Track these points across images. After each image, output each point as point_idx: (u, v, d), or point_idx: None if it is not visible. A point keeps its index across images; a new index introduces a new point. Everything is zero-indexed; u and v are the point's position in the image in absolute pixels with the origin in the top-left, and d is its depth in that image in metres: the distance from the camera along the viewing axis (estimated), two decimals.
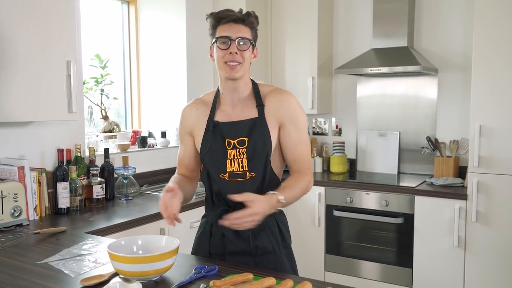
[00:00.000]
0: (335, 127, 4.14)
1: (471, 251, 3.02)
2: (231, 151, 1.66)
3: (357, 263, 3.44)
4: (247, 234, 1.66)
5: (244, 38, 1.62)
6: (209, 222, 1.74)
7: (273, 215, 1.69)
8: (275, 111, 1.69)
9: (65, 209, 2.52)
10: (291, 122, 1.69)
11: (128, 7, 3.76)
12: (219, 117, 1.71)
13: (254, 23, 1.67)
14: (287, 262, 1.74)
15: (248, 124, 1.67)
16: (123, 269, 1.40)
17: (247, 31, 1.64)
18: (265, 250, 1.69)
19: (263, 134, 1.66)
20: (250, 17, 1.65)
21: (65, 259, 1.71)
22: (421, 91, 3.72)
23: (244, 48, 1.62)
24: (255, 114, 1.68)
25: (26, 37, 2.17)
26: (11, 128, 2.47)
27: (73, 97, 2.36)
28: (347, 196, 3.44)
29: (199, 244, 1.78)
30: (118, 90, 3.67)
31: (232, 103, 1.71)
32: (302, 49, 3.88)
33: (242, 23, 1.63)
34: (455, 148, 3.50)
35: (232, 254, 1.69)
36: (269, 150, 1.66)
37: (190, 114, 1.77)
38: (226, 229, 1.64)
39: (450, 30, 3.58)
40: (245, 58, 1.63)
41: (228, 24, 1.62)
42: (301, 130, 1.71)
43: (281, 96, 1.72)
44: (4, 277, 1.53)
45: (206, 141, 1.69)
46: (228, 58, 1.61)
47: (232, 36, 1.61)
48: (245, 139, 1.66)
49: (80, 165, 2.69)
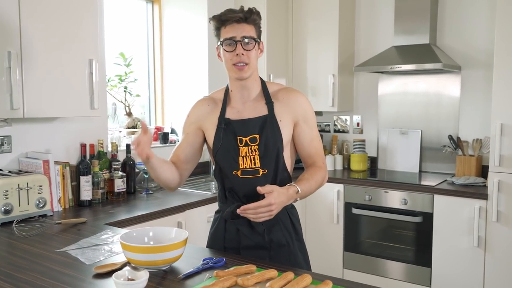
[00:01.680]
0: (356, 125, 4.14)
1: (491, 252, 2.97)
2: (243, 148, 1.70)
3: (376, 261, 3.44)
4: (261, 228, 1.70)
5: (249, 37, 1.65)
6: (223, 218, 1.77)
7: (285, 209, 1.72)
8: (287, 109, 1.73)
9: (88, 201, 2.62)
10: (303, 120, 1.74)
11: (152, 6, 3.85)
12: (230, 114, 1.74)
13: (257, 20, 1.69)
14: (300, 255, 1.77)
15: (259, 121, 1.70)
16: (134, 258, 1.47)
17: (251, 29, 1.66)
18: (279, 243, 1.72)
19: (273, 131, 1.69)
20: (253, 15, 1.67)
21: (83, 248, 1.80)
22: (444, 89, 3.68)
23: (250, 47, 1.65)
24: (265, 111, 1.72)
25: (52, 38, 2.27)
26: (38, 123, 2.59)
27: (95, 94, 2.46)
28: (366, 194, 3.44)
29: (214, 239, 1.81)
30: (142, 87, 3.77)
31: (242, 101, 1.75)
32: (323, 46, 3.89)
33: (245, 22, 1.65)
34: (478, 147, 3.45)
35: (246, 248, 1.72)
36: (280, 147, 1.70)
37: (201, 110, 1.80)
38: (241, 224, 1.71)
39: (474, 27, 3.52)
40: (252, 58, 1.67)
41: (232, 25, 1.65)
42: (313, 127, 1.77)
43: (292, 95, 1.76)
44: (24, 263, 1.63)
45: (218, 138, 1.72)
46: (236, 59, 1.65)
47: (237, 36, 1.64)
48: (256, 136, 1.69)
49: (103, 159, 2.79)
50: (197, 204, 2.74)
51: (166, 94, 3.88)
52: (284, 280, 1.33)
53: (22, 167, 2.49)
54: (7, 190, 2.18)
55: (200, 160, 3.58)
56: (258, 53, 1.71)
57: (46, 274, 1.52)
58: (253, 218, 1.57)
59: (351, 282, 1.43)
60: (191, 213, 2.70)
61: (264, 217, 1.56)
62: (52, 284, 1.44)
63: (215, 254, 1.67)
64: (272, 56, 3.81)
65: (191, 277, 1.46)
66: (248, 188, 1.67)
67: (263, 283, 1.33)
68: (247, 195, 1.68)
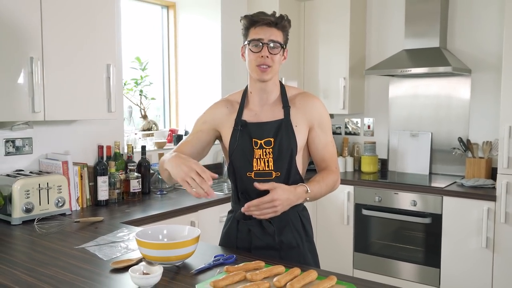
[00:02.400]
0: (367, 127, 4.19)
1: (499, 252, 3.00)
2: (258, 150, 1.73)
3: (385, 261, 3.49)
4: (272, 229, 1.73)
5: (276, 41, 1.67)
6: (236, 219, 1.81)
7: (295, 210, 1.76)
8: (303, 114, 1.76)
9: (104, 201, 2.72)
10: (318, 125, 1.77)
11: (167, 11, 3.95)
12: (247, 116, 1.78)
13: (287, 27, 1.72)
14: (310, 256, 1.80)
15: (275, 125, 1.73)
16: (148, 254, 1.54)
17: (279, 35, 1.69)
18: (289, 245, 1.75)
19: (288, 135, 1.72)
20: (283, 21, 1.70)
21: (100, 245, 1.89)
22: (454, 92, 3.71)
23: (276, 51, 1.68)
24: (281, 115, 1.75)
25: (71, 44, 2.38)
26: (57, 126, 2.70)
27: (112, 97, 2.56)
28: (375, 195, 3.49)
29: (226, 239, 1.85)
30: (157, 90, 3.87)
31: (260, 103, 1.78)
32: (334, 49, 3.95)
33: (275, 26, 1.68)
34: (488, 149, 3.48)
35: (257, 248, 1.76)
36: (294, 150, 1.73)
37: (219, 111, 1.83)
38: (252, 224, 1.75)
39: (484, 30, 3.55)
40: (276, 62, 1.69)
41: (261, 27, 1.67)
42: (327, 132, 1.80)
43: (308, 100, 1.79)
44: (46, 258, 1.73)
45: (234, 139, 1.76)
46: (260, 61, 1.67)
47: (265, 39, 1.66)
48: (271, 140, 1.72)
49: (119, 160, 2.89)
50: (210, 204, 2.82)
51: (180, 97, 3.97)
52: (291, 275, 1.40)
53: (42, 168, 2.60)
54: (28, 190, 2.28)
55: (213, 162, 3.71)
56: (281, 59, 1.74)
57: (66, 268, 1.61)
58: (257, 215, 1.58)
59: (355, 278, 1.49)
60: (204, 213, 2.78)
61: (268, 214, 1.57)
62: (72, 278, 1.52)
63: (226, 252, 1.75)
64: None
65: (202, 272, 1.53)
66: (262, 191, 1.68)
67: (271, 278, 1.39)
68: (260, 196, 1.68)
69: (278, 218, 1.72)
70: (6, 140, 2.49)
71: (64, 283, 1.48)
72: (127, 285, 1.45)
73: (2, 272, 1.59)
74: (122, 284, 1.47)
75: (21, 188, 2.26)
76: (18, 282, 1.50)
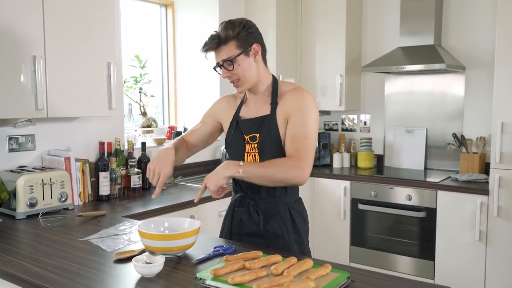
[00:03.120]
0: (364, 124, 4.25)
1: (492, 245, 3.08)
2: (247, 145, 1.84)
3: (381, 255, 3.56)
4: (257, 219, 1.82)
5: (226, 59, 1.74)
6: (232, 206, 1.94)
7: (285, 202, 1.83)
8: (288, 105, 1.78)
9: (106, 196, 2.78)
10: (294, 116, 1.74)
11: (166, 10, 4.00)
12: (243, 112, 1.89)
13: (231, 34, 1.72)
14: (296, 247, 1.84)
15: (259, 121, 1.81)
16: (151, 245, 1.61)
17: (229, 48, 1.73)
18: (274, 234, 1.82)
19: (271, 130, 1.78)
20: (227, 31, 1.72)
21: (103, 237, 1.95)
22: (448, 89, 3.78)
23: (230, 67, 1.74)
24: (267, 111, 1.81)
25: (73, 43, 2.44)
26: (60, 123, 2.75)
27: (113, 95, 2.61)
28: (371, 190, 3.56)
29: (224, 223, 1.98)
30: (157, 88, 3.92)
31: (254, 101, 1.88)
32: (331, 47, 4.01)
33: (222, 45, 1.74)
34: (482, 145, 3.55)
35: (247, 235, 1.87)
36: (278, 145, 1.78)
37: (221, 105, 1.99)
38: (241, 212, 1.87)
39: (478, 28, 3.61)
40: (240, 73, 1.75)
41: (211, 53, 1.78)
42: (303, 124, 1.73)
43: (296, 93, 1.80)
44: (52, 250, 1.79)
45: (230, 134, 1.89)
46: (228, 79, 1.80)
47: (219, 61, 1.77)
48: (256, 135, 1.81)
49: (120, 157, 2.95)
50: (209, 199, 2.87)
51: (179, 94, 4.03)
52: (288, 263, 1.46)
53: (45, 164, 2.66)
54: (32, 185, 2.34)
55: (212, 158, 3.76)
56: (251, 61, 1.76)
57: (71, 259, 1.67)
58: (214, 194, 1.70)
59: (350, 267, 1.55)
60: (203, 207, 2.84)
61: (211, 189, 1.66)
62: (78, 268, 1.59)
63: (225, 243, 1.81)
64: (282, 57, 3.95)
65: (203, 262, 1.60)
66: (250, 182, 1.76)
67: (269, 267, 1.46)
68: (249, 187, 1.83)
69: (266, 208, 1.82)
70: (10, 137, 2.54)
71: (70, 273, 1.54)
72: (130, 274, 1.51)
73: (10, 263, 1.65)
74: (125, 273, 1.54)
75: (25, 183, 2.32)
76: (26, 272, 1.57)
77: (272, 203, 1.83)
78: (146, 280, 1.45)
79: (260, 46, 1.79)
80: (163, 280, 1.45)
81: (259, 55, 1.80)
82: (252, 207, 1.83)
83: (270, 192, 1.82)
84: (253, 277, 1.36)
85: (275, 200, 1.83)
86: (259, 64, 1.81)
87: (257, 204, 1.84)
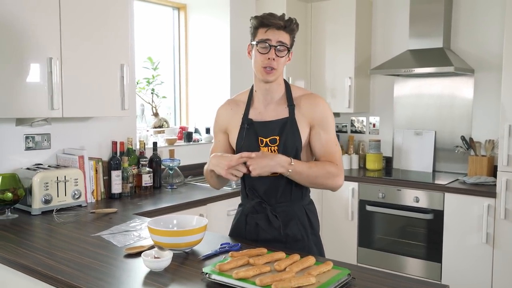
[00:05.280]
0: (372, 126, 4.28)
1: (499, 248, 3.09)
2: (264, 148, 1.79)
3: (388, 256, 3.59)
4: (278, 223, 1.80)
5: (284, 43, 1.73)
6: (244, 213, 1.88)
7: (301, 204, 1.84)
8: (307, 113, 1.79)
9: (118, 194, 2.86)
10: (320, 124, 1.80)
11: (178, 12, 4.08)
12: (252, 115, 1.84)
13: (294, 30, 1.77)
14: (315, 249, 1.87)
15: (280, 123, 1.79)
16: (160, 241, 1.67)
17: (287, 37, 1.75)
18: (294, 238, 1.81)
19: (293, 133, 1.77)
20: (292, 24, 1.75)
21: (114, 233, 2.02)
22: (457, 91, 3.79)
23: (282, 54, 1.74)
24: (286, 114, 1.80)
25: (88, 45, 2.52)
26: (74, 122, 2.83)
27: (126, 96, 2.69)
28: (379, 192, 3.59)
29: (236, 231, 1.93)
30: (168, 89, 4.00)
31: (265, 102, 1.84)
32: (340, 50, 4.05)
33: (284, 29, 1.73)
34: (490, 148, 3.56)
35: (264, 241, 1.83)
36: (299, 148, 1.78)
37: (225, 114, 1.92)
38: (259, 218, 1.83)
39: (487, 31, 3.63)
40: (280, 64, 1.76)
41: (271, 29, 1.72)
42: (329, 132, 1.81)
43: (313, 100, 1.82)
44: (65, 245, 1.86)
45: (241, 137, 1.82)
46: (266, 63, 1.73)
47: (273, 41, 1.72)
48: (276, 138, 1.78)
49: (131, 156, 3.02)
50: (218, 198, 2.94)
51: (190, 96, 4.10)
52: (291, 260, 1.51)
53: (60, 162, 2.74)
54: (47, 182, 2.42)
55: None
56: (286, 61, 1.80)
57: (84, 253, 1.75)
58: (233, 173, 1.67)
59: (351, 264, 1.60)
60: (212, 206, 2.90)
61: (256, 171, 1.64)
62: (89, 261, 1.66)
63: (232, 240, 1.86)
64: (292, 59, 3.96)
65: (209, 258, 1.66)
66: (268, 186, 1.79)
67: (272, 263, 1.51)
68: (267, 192, 1.80)
69: (284, 213, 1.81)
70: (26, 136, 2.63)
71: (82, 266, 1.61)
72: (139, 268, 1.57)
73: (25, 256, 1.73)
74: (135, 267, 1.60)
75: (41, 180, 2.40)
76: (40, 264, 1.64)
77: (289, 206, 1.82)
78: (155, 274, 1.51)
79: None
80: (171, 274, 1.51)
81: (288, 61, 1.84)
82: (270, 212, 1.81)
83: (287, 195, 1.81)
84: (256, 273, 1.42)
85: (291, 204, 1.83)
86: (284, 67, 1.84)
87: (274, 209, 1.82)
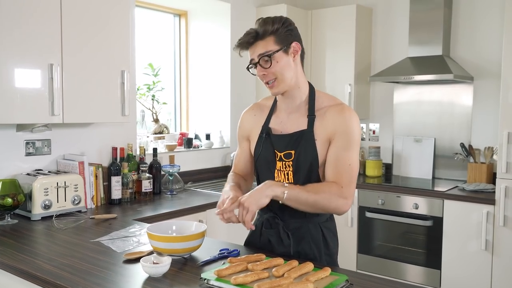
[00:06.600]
0: (372, 133, 4.29)
1: (498, 255, 3.09)
2: (278, 162, 1.69)
3: (388, 263, 3.59)
4: (288, 242, 1.71)
5: (263, 54, 1.58)
6: (259, 225, 1.81)
7: (317, 222, 1.71)
8: (329, 125, 1.62)
9: (118, 200, 2.86)
10: (340, 139, 1.60)
11: (179, 19, 4.10)
12: (274, 123, 1.73)
13: (272, 28, 1.58)
14: None
15: (295, 136, 1.65)
16: (158, 247, 1.67)
17: (267, 44, 1.57)
18: (306, 257, 1.70)
19: (308, 148, 1.63)
20: (266, 26, 1.58)
21: (114, 239, 2.02)
22: (457, 99, 3.81)
23: (267, 65, 1.59)
24: (304, 125, 1.65)
25: (88, 51, 2.53)
26: (74, 128, 2.85)
27: (126, 102, 2.70)
28: (379, 198, 3.59)
29: (252, 240, 1.86)
30: (169, 95, 4.02)
31: (287, 110, 1.71)
32: (340, 57, 4.07)
33: (260, 39, 1.58)
34: (490, 155, 3.56)
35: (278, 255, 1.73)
36: (314, 164, 1.63)
37: (248, 120, 1.82)
38: (271, 234, 1.75)
39: (486, 38, 3.65)
40: (278, 71, 1.60)
41: (249, 48, 1.61)
42: (348, 149, 1.60)
43: (340, 111, 1.63)
44: (64, 250, 1.87)
45: (259, 146, 1.73)
46: (264, 79, 1.63)
47: (254, 58, 1.60)
48: (291, 152, 1.65)
49: (131, 162, 3.03)
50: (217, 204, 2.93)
51: (190, 102, 4.12)
52: (289, 266, 1.51)
53: (60, 167, 2.75)
54: (47, 188, 2.43)
55: (221, 164, 3.83)
56: (290, 60, 1.61)
57: (83, 259, 1.75)
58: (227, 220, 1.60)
59: (349, 271, 1.61)
60: (211, 212, 2.90)
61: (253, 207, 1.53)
62: (89, 267, 1.66)
63: (231, 246, 1.87)
64: None
65: (208, 264, 1.66)
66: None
67: (270, 269, 1.51)
68: (281, 207, 1.66)
69: (296, 229, 1.71)
70: (27, 142, 2.64)
71: (81, 271, 1.62)
72: (138, 274, 1.58)
73: (25, 261, 1.74)
74: (134, 273, 1.61)
75: (41, 186, 2.41)
76: (39, 269, 1.64)
77: (303, 223, 1.70)
78: (153, 280, 1.52)
79: (300, 45, 1.64)
80: (169, 280, 1.52)
81: (298, 56, 1.64)
82: (282, 229, 1.71)
83: (301, 211, 1.64)
84: (255, 278, 1.42)
85: (306, 220, 1.70)
86: (297, 66, 1.65)
87: (286, 226, 1.71)
